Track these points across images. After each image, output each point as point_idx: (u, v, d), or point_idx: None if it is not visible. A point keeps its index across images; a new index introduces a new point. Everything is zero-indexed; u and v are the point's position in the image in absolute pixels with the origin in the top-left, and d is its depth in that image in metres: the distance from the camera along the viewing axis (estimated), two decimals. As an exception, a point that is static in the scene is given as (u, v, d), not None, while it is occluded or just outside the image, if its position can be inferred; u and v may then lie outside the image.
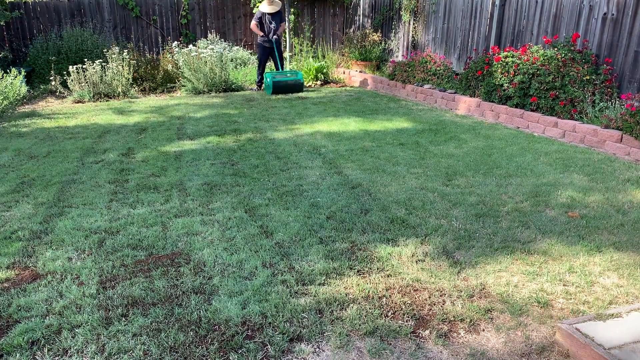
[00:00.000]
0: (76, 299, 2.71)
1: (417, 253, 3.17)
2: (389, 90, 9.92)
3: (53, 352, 2.31)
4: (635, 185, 4.40)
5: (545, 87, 6.45)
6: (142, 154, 5.64)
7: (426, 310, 2.61)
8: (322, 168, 4.99)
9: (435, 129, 6.61)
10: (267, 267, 3.02)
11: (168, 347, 2.31)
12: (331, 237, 3.42)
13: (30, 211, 3.98)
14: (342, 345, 2.33)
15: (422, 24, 10.12)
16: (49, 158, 5.53)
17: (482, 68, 7.47)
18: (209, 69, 10.09)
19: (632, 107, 5.35)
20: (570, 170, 4.80)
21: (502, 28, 8.09)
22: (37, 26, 11.10)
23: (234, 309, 2.59)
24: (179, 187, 4.48)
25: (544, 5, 7.23)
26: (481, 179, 4.57)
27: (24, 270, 3.05)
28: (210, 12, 12.32)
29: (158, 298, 2.71)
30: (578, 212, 3.78)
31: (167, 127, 7.05)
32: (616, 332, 2.28)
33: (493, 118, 7.20)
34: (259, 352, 2.29)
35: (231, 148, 5.83)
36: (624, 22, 6.06)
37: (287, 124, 7.16)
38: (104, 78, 9.57)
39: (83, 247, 3.32)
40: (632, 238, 3.37)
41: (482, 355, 2.28)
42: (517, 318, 2.53)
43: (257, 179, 4.68)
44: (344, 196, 4.18)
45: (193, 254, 3.21)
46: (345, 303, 2.64)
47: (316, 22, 13.13)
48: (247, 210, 3.93)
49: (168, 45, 11.53)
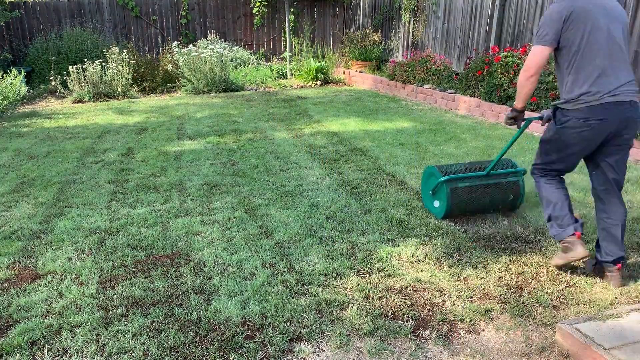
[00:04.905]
0: (76, 299, 2.71)
1: (417, 253, 3.17)
2: (389, 90, 9.92)
3: (53, 352, 2.31)
4: (635, 185, 4.39)
5: (545, 87, 6.45)
6: (142, 154, 5.64)
7: (426, 310, 2.61)
8: (322, 168, 4.99)
9: (435, 129, 6.61)
10: (267, 267, 3.02)
11: (168, 347, 2.31)
12: (331, 237, 3.42)
13: (30, 211, 3.98)
14: (342, 345, 2.33)
15: (422, 24, 10.12)
16: (48, 158, 5.53)
17: (482, 68, 7.47)
18: (209, 69, 10.09)
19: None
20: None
21: (502, 28, 8.09)
22: (37, 26, 11.10)
23: (233, 309, 2.59)
24: (179, 187, 4.48)
25: (544, 5, 7.23)
26: (481, 179, 4.56)
27: (24, 270, 3.05)
28: (210, 12, 12.31)
29: (158, 298, 2.71)
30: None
31: (167, 127, 7.05)
32: (616, 332, 2.28)
33: (493, 118, 7.20)
34: (259, 352, 2.29)
35: (231, 148, 5.83)
36: (624, 22, 6.05)
37: (287, 124, 7.16)
38: (104, 78, 9.57)
39: (83, 247, 3.32)
40: (632, 238, 3.37)
41: (482, 356, 2.28)
42: (516, 318, 2.53)
43: (257, 179, 4.68)
44: (344, 196, 4.18)
45: (193, 254, 3.21)
46: (345, 303, 2.64)
47: (316, 22, 13.13)
48: (247, 210, 3.93)
49: (168, 45, 11.53)
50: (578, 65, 2.76)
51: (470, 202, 3.65)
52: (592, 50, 2.72)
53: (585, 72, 2.74)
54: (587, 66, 2.73)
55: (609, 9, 2.77)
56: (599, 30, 2.72)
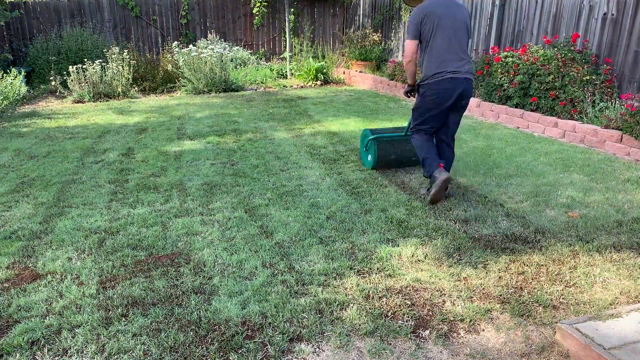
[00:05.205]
0: (76, 299, 2.71)
1: (417, 253, 3.17)
2: (389, 90, 9.92)
3: (53, 352, 2.31)
4: (635, 185, 4.40)
5: (545, 87, 6.45)
6: (142, 154, 5.64)
7: (426, 310, 2.61)
8: (322, 168, 4.99)
9: (435, 129, 6.60)
10: (267, 267, 3.02)
11: (168, 347, 2.31)
12: (331, 237, 3.42)
13: (30, 211, 3.98)
14: (342, 345, 2.33)
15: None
16: (49, 158, 5.53)
17: (482, 68, 7.47)
18: (209, 69, 10.09)
19: (632, 107, 5.35)
20: (570, 170, 4.80)
21: (502, 28, 8.09)
22: (37, 26, 11.10)
23: (234, 309, 2.59)
24: (179, 187, 4.48)
25: (543, 5, 7.23)
26: (481, 179, 4.57)
27: (24, 270, 3.05)
28: (210, 12, 12.32)
29: (158, 298, 2.71)
30: (578, 212, 3.78)
31: (167, 127, 7.05)
32: (616, 332, 2.28)
33: (493, 118, 7.20)
34: (259, 352, 2.29)
35: (231, 148, 5.83)
36: (624, 22, 6.06)
37: (287, 124, 7.16)
38: (104, 78, 9.57)
39: (83, 247, 3.32)
40: (632, 238, 3.37)
41: (482, 356, 2.28)
42: (516, 318, 2.53)
43: (257, 179, 4.68)
44: (344, 196, 4.18)
45: (193, 254, 3.21)
46: (345, 303, 2.64)
47: (316, 22, 13.13)
48: (247, 210, 3.93)
49: (168, 45, 11.53)
50: (429, 53, 3.88)
51: (392, 155, 4.79)
52: (438, 43, 3.83)
53: (434, 58, 3.85)
54: (435, 54, 3.85)
55: (453, 13, 3.86)
56: (444, 29, 3.82)
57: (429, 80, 3.88)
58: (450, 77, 3.80)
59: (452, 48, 3.83)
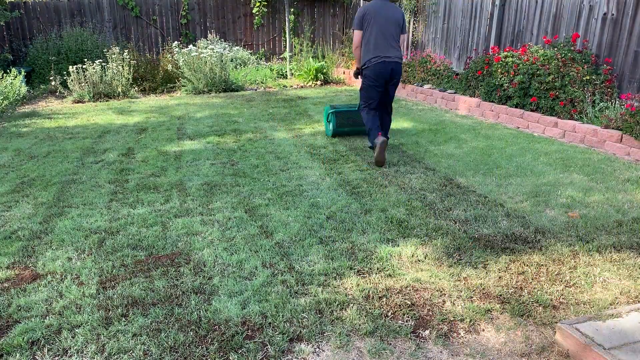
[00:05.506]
0: (76, 299, 2.71)
1: (417, 253, 3.17)
2: (389, 90, 9.91)
3: (53, 352, 2.31)
4: (635, 185, 4.40)
5: (545, 87, 6.45)
6: (142, 154, 5.64)
7: (426, 310, 2.61)
8: (322, 168, 4.99)
9: (435, 129, 6.61)
10: (267, 267, 3.02)
11: (168, 347, 2.31)
12: (331, 237, 3.42)
13: (30, 211, 3.98)
14: (342, 345, 2.33)
15: (422, 24, 10.12)
16: (48, 158, 5.53)
17: (482, 68, 7.47)
18: (209, 69, 10.09)
19: (632, 107, 5.35)
20: (570, 170, 4.80)
21: (502, 28, 8.09)
22: (37, 26, 11.11)
23: (234, 309, 2.59)
24: (179, 187, 4.48)
25: (544, 5, 7.23)
26: (481, 179, 4.57)
27: (24, 270, 3.05)
28: (210, 12, 12.32)
29: (158, 298, 2.71)
30: (578, 212, 3.78)
31: (167, 127, 7.05)
32: (616, 332, 2.28)
33: (493, 118, 7.20)
34: (259, 352, 2.29)
35: (231, 148, 5.83)
36: (624, 22, 6.06)
37: (287, 124, 7.16)
38: (104, 78, 9.57)
39: (83, 247, 3.32)
40: (632, 238, 3.37)
41: (482, 356, 2.28)
42: (516, 318, 2.54)
43: (257, 179, 4.68)
44: (344, 196, 4.18)
45: (193, 254, 3.21)
46: (345, 303, 2.64)
47: (316, 22, 13.13)
48: (247, 210, 3.93)
49: (168, 45, 11.54)
50: (367, 43, 5.15)
51: (347, 124, 6.18)
52: (374, 35, 5.11)
53: (371, 47, 5.12)
54: (372, 43, 5.12)
55: (387, 12, 5.13)
56: (378, 24, 5.09)
57: (367, 63, 5.17)
58: (384, 61, 5.09)
59: (386, 39, 5.09)
